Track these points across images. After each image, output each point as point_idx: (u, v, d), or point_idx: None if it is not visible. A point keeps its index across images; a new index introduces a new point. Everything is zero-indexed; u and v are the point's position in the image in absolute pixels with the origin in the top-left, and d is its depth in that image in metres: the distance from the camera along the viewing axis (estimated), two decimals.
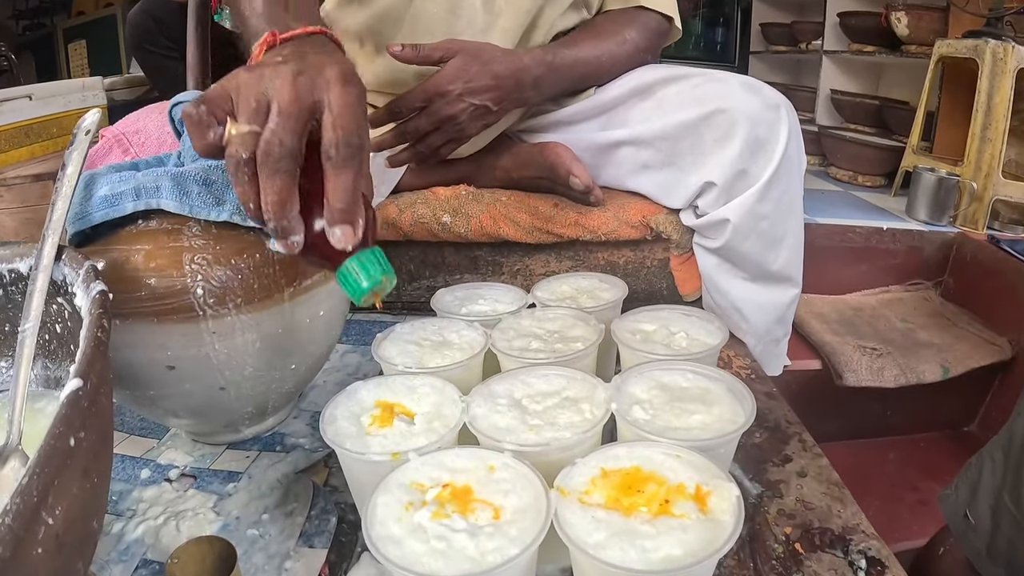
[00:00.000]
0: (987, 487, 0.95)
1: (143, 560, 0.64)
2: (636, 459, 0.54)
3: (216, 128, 0.55)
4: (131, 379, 0.69)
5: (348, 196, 0.53)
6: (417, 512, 0.49)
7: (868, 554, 0.64)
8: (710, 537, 0.46)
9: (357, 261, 0.56)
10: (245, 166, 0.53)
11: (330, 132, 0.53)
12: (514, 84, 1.00)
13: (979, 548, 0.95)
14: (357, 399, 0.66)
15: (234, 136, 0.54)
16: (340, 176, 0.53)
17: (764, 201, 0.98)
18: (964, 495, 0.99)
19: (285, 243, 0.54)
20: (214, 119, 0.55)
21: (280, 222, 0.53)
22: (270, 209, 0.53)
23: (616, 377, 0.66)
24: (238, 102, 0.54)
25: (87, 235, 0.69)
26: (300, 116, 0.53)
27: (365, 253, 0.56)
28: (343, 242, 0.54)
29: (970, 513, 0.97)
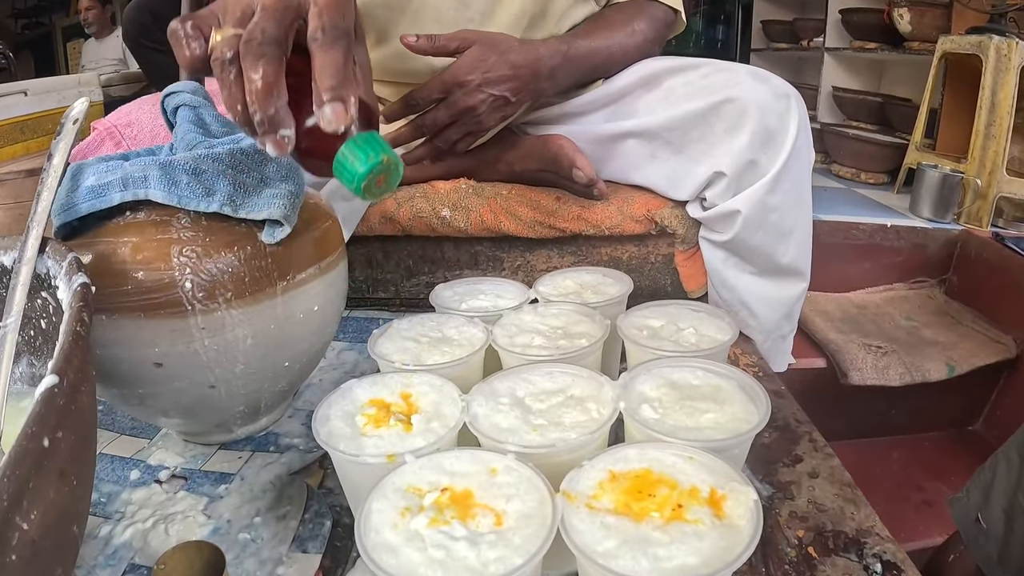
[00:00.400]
0: (1000, 489, 0.94)
1: (131, 565, 0.62)
2: (646, 461, 0.51)
3: (200, 42, 0.54)
4: (118, 377, 0.67)
5: (337, 73, 0.51)
6: (414, 518, 0.46)
7: (883, 558, 0.62)
8: (726, 544, 0.43)
9: (352, 144, 0.52)
10: (230, 64, 0.52)
11: (315, 20, 0.52)
12: (531, 74, 0.98)
13: (990, 553, 0.93)
14: (352, 398, 0.63)
15: (219, 40, 0.53)
16: (327, 54, 0.51)
17: (774, 192, 0.96)
18: (976, 498, 0.97)
19: (275, 140, 0.51)
20: (200, 33, 0.54)
21: (267, 111, 0.50)
22: (255, 99, 0.50)
23: (624, 375, 0.63)
24: (224, 15, 0.54)
25: (74, 227, 0.66)
26: (283, 10, 0.52)
27: (360, 136, 0.53)
28: (335, 122, 0.51)
29: (982, 517, 0.95)
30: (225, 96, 0.52)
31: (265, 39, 0.50)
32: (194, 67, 0.54)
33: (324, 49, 0.51)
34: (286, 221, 0.65)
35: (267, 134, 0.51)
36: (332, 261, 0.74)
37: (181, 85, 0.78)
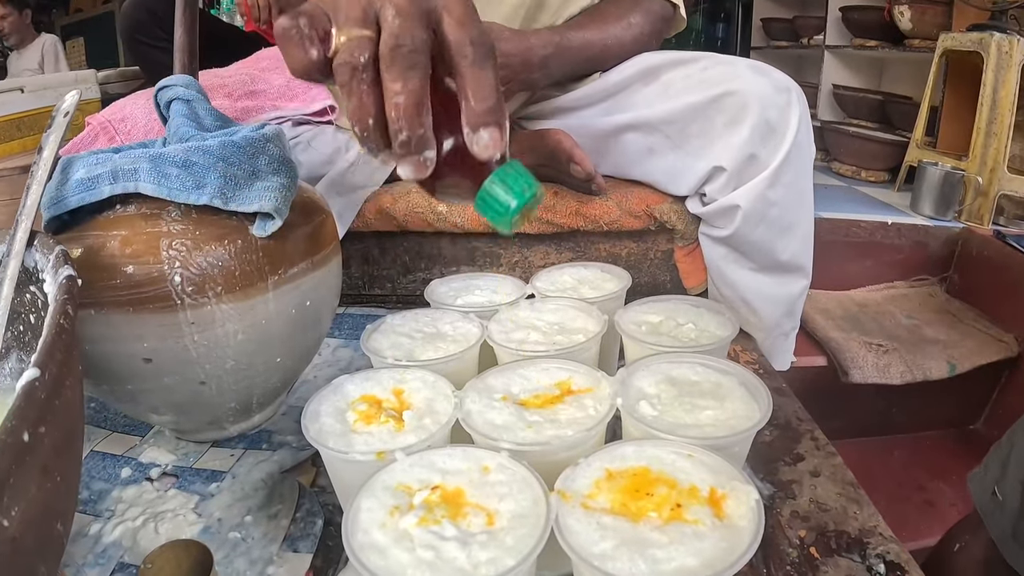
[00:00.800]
0: (1018, 461, 0.93)
1: (120, 563, 0.61)
2: (644, 459, 0.50)
3: (318, 43, 0.48)
4: (107, 372, 0.66)
5: (493, 94, 0.47)
6: (403, 517, 0.45)
7: (887, 558, 0.61)
8: (727, 546, 0.42)
9: (502, 174, 0.48)
10: (363, 71, 0.46)
11: (459, 31, 0.47)
12: (522, 63, 0.98)
13: (1005, 528, 0.92)
14: (343, 394, 0.62)
15: (345, 42, 0.47)
16: (481, 73, 0.47)
17: (775, 187, 0.95)
18: (994, 471, 0.96)
19: (416, 162, 0.47)
20: (316, 33, 0.48)
21: (415, 131, 0.45)
22: (402, 116, 0.45)
23: (621, 370, 0.62)
24: (339, 14, 0.48)
25: (64, 221, 0.66)
26: (422, 16, 0.47)
27: (507, 166, 0.49)
28: (490, 149, 0.47)
29: (998, 490, 0.94)
30: (353, 107, 0.47)
31: (415, 46, 0.46)
32: (309, 71, 0.48)
33: (475, 68, 0.47)
34: (277, 214, 0.64)
35: (409, 155, 0.46)
36: (325, 256, 0.73)
37: (174, 79, 0.77)
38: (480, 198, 0.49)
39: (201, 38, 1.01)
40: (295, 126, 1.10)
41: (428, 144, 0.46)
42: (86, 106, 2.35)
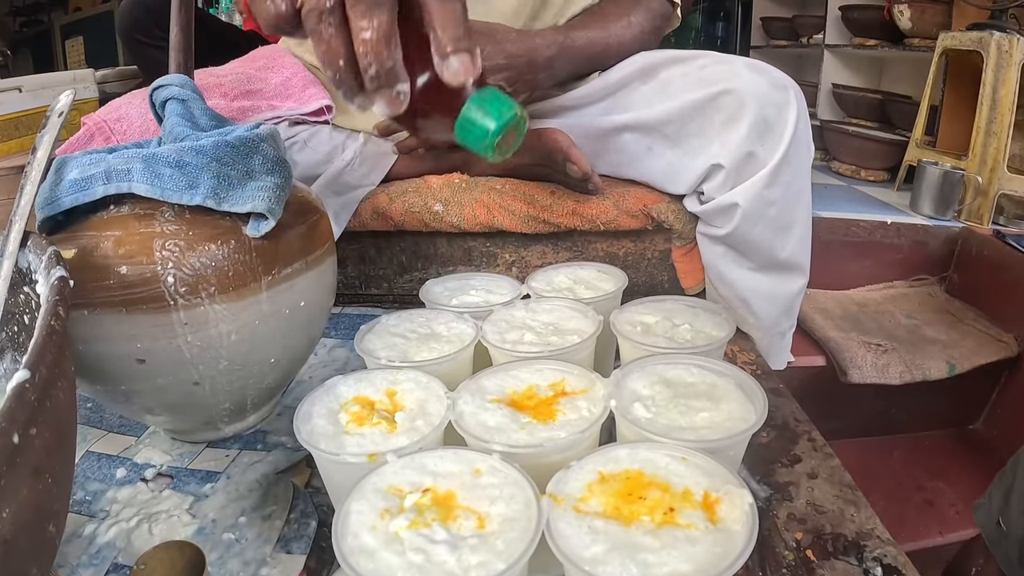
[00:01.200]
0: (1020, 492, 0.93)
1: (114, 564, 0.61)
2: (638, 462, 0.49)
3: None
4: (101, 373, 0.66)
5: (460, 23, 0.47)
6: (393, 520, 0.45)
7: (884, 561, 0.60)
8: (721, 551, 0.41)
9: (478, 99, 0.48)
10: (330, 15, 0.46)
11: None
12: (527, 64, 0.97)
13: (1012, 555, 0.93)
14: (335, 395, 0.62)
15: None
16: (447, 5, 0.47)
17: (774, 185, 0.95)
18: (997, 502, 0.97)
19: (390, 96, 0.48)
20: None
21: (384, 64, 0.46)
22: (371, 51, 0.46)
23: (615, 372, 0.61)
24: None
25: (59, 221, 0.65)
26: None
27: (484, 91, 0.49)
28: (462, 74, 0.47)
29: (1003, 520, 0.95)
30: (323, 51, 0.47)
31: None
32: (279, 23, 0.49)
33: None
34: (270, 214, 0.64)
35: (381, 89, 0.47)
36: (320, 256, 0.73)
37: (170, 78, 0.77)
38: (459, 126, 0.49)
39: (199, 37, 1.00)
40: (291, 126, 1.10)
41: (399, 77, 0.47)
42: (84, 105, 2.35)
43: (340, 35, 0.47)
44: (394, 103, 0.48)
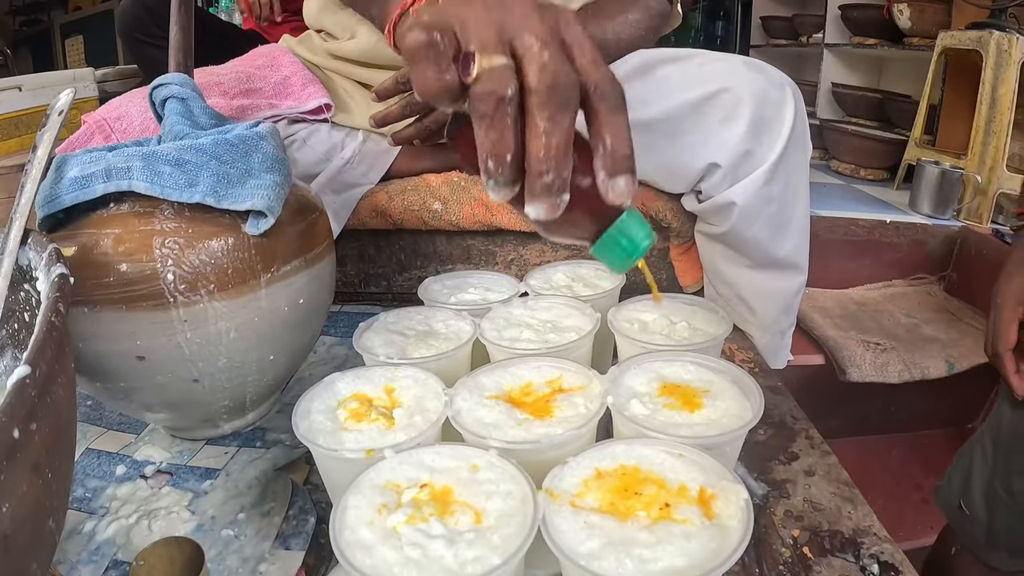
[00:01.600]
0: (979, 476, 0.95)
1: (113, 561, 0.61)
2: (634, 458, 0.50)
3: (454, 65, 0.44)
4: (100, 371, 0.66)
5: (628, 141, 0.46)
6: (391, 516, 0.45)
7: (881, 558, 0.61)
8: (716, 546, 0.41)
9: (628, 221, 0.48)
10: (510, 104, 0.43)
11: (596, 72, 0.45)
12: None
13: (977, 537, 0.95)
14: (334, 392, 0.62)
15: (488, 70, 0.43)
16: (618, 119, 0.46)
17: (771, 183, 0.95)
18: (957, 485, 1.00)
19: (552, 203, 0.45)
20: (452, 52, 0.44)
21: (561, 174, 0.43)
22: (552, 157, 0.43)
23: (612, 368, 0.61)
24: (471, 33, 0.44)
25: (59, 219, 0.66)
26: (564, 50, 0.45)
27: (631, 213, 0.49)
28: (624, 195, 0.46)
29: (964, 504, 0.96)
30: (493, 140, 0.43)
31: (570, 83, 0.44)
32: (442, 94, 0.44)
33: (614, 112, 0.46)
34: (269, 212, 0.64)
35: (548, 196, 0.44)
36: (319, 253, 0.73)
37: (170, 77, 0.77)
38: (603, 242, 0.49)
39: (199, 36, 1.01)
40: (291, 124, 1.10)
41: (567, 187, 0.45)
42: (83, 104, 2.35)
43: (515, 128, 0.44)
44: (553, 210, 0.45)
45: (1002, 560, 0.96)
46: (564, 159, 0.43)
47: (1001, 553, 0.96)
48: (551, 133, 0.43)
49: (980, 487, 0.97)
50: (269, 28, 2.23)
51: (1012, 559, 0.96)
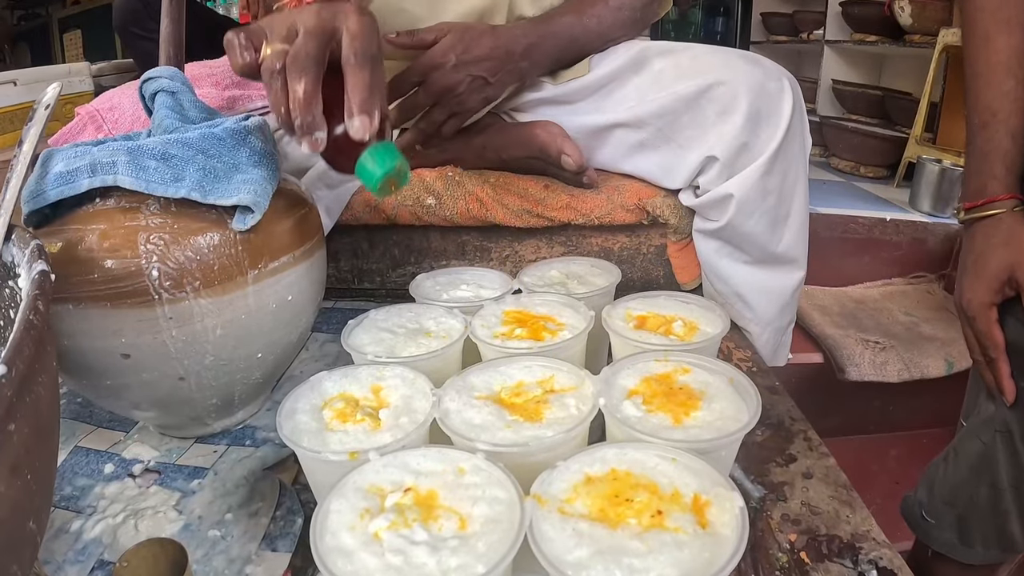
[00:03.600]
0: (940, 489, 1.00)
1: (99, 561, 0.61)
2: (626, 462, 0.48)
3: (252, 52, 0.65)
4: (86, 368, 0.66)
5: (365, 90, 0.62)
6: (373, 520, 0.43)
7: (879, 564, 0.60)
8: (709, 556, 0.40)
9: (372, 151, 0.63)
10: (278, 75, 0.62)
11: (348, 45, 0.63)
12: (506, 53, 0.97)
13: (950, 539, 0.98)
14: (320, 391, 0.60)
15: (268, 53, 0.63)
16: (358, 74, 0.62)
17: (769, 175, 0.94)
18: (922, 495, 1.04)
19: (310, 140, 0.62)
20: (251, 44, 0.65)
21: (305, 118, 0.61)
22: (297, 107, 0.61)
23: (605, 369, 0.60)
24: (271, 31, 0.64)
25: (45, 215, 0.65)
26: (322, 34, 0.63)
27: (379, 145, 0.63)
28: (361, 131, 0.61)
29: (926, 514, 1.01)
30: (272, 100, 0.63)
31: (306, 58, 0.61)
32: (243, 72, 0.66)
33: (356, 70, 0.62)
34: (256, 207, 0.64)
35: (304, 135, 0.62)
36: (308, 249, 0.72)
37: (160, 71, 0.76)
38: (357, 167, 0.64)
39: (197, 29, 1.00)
40: None
41: (317, 127, 0.62)
42: (79, 99, 2.34)
43: (283, 91, 0.63)
44: (313, 145, 0.63)
45: (977, 555, 0.98)
46: (306, 107, 0.61)
47: (976, 549, 0.97)
48: (294, 91, 0.61)
49: (943, 495, 0.99)
50: None
51: (987, 552, 0.97)
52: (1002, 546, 0.96)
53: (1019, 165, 0.82)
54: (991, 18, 0.81)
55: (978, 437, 0.94)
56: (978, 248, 0.84)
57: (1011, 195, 0.82)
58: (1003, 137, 0.81)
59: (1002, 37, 0.81)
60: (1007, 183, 0.82)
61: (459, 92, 0.96)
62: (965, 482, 0.96)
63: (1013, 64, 0.80)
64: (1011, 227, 0.81)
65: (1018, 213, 0.81)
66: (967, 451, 0.96)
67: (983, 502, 0.94)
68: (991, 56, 0.81)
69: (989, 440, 0.92)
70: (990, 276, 0.82)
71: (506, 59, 0.98)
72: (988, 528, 0.95)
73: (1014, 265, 0.80)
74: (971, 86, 0.85)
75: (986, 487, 0.93)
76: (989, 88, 0.82)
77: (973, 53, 0.84)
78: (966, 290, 0.85)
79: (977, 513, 0.95)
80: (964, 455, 0.96)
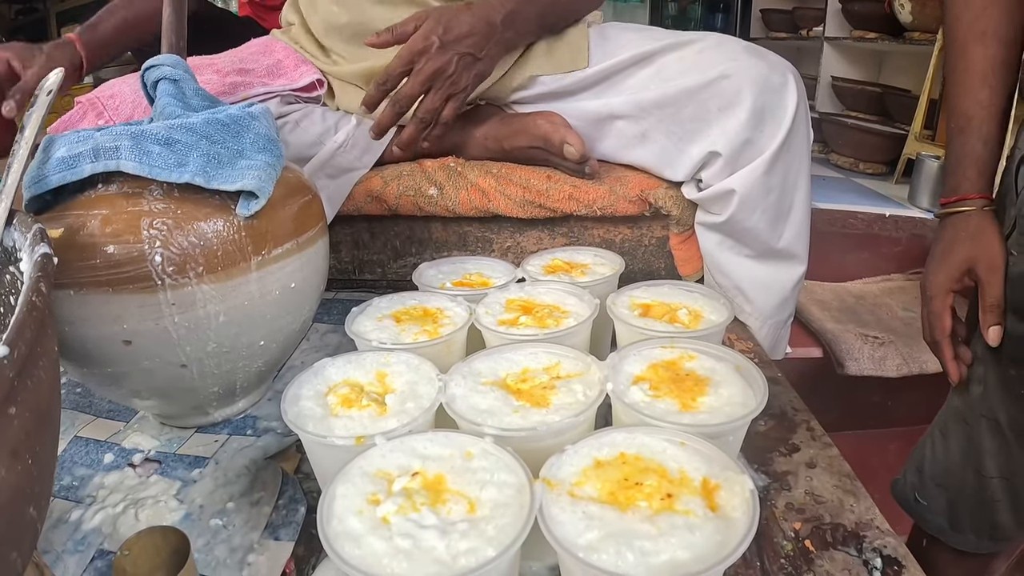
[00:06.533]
0: (931, 471, 1.01)
1: (99, 551, 0.61)
2: (635, 447, 0.48)
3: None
4: (86, 355, 0.65)
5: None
6: (381, 505, 0.43)
7: (884, 552, 0.60)
8: (721, 539, 0.40)
9: None
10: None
11: None
12: (486, 25, 0.97)
13: (941, 524, 1.00)
14: (324, 377, 0.61)
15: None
16: None
17: (772, 172, 0.95)
18: (912, 478, 1.05)
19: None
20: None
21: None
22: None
23: (612, 355, 0.60)
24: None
25: (47, 201, 0.65)
26: None
27: None
28: None
29: (919, 496, 1.03)
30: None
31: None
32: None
33: None
34: (260, 193, 0.64)
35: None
36: (311, 237, 0.72)
37: (162, 59, 0.77)
38: None
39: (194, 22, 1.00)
40: (284, 104, 1.10)
41: None
42: (78, 91, 2.33)
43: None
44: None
45: (969, 543, 1.00)
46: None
47: (968, 536, 0.99)
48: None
49: (935, 478, 1.01)
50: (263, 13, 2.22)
51: (979, 541, 0.99)
52: (992, 535, 0.98)
53: (991, 168, 0.87)
54: (968, 30, 0.85)
55: (964, 420, 0.96)
56: (947, 239, 0.89)
57: (982, 195, 0.87)
58: (976, 142, 0.86)
59: (978, 48, 0.85)
60: (979, 184, 0.87)
61: (449, 72, 0.96)
62: (956, 465, 0.98)
63: (988, 74, 0.85)
64: (978, 224, 0.85)
65: (987, 212, 0.86)
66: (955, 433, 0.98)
67: (969, 488, 0.96)
68: (968, 66, 0.86)
69: (974, 423, 0.94)
70: (953, 265, 0.87)
71: (489, 32, 0.98)
72: (977, 515, 0.97)
73: (976, 258, 0.85)
74: (949, 93, 0.90)
75: (972, 472, 0.95)
76: (966, 96, 0.86)
77: (951, 62, 0.88)
78: (930, 274, 0.90)
79: (964, 498, 0.98)
80: (954, 437, 0.98)
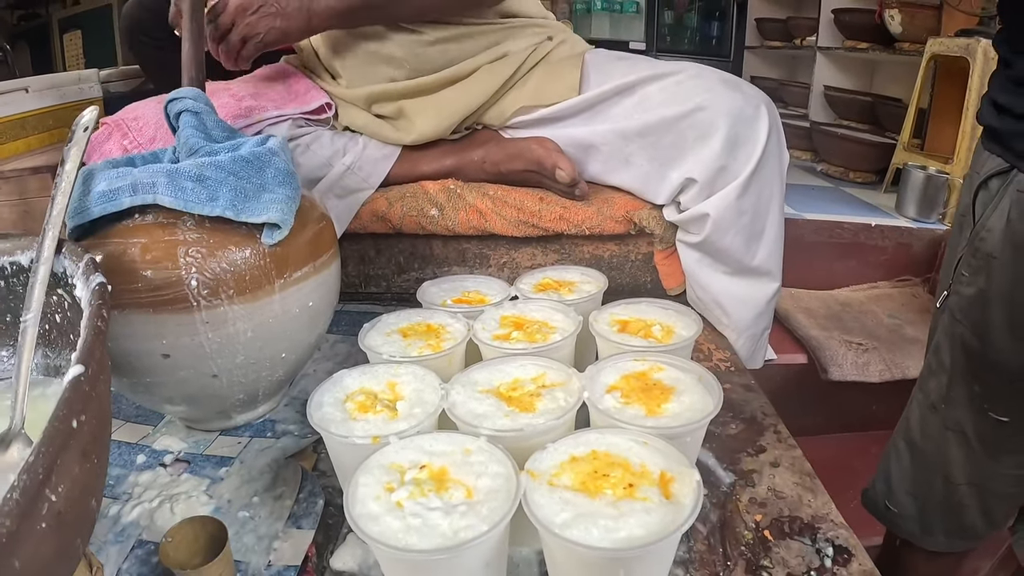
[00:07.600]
0: (898, 476, 1.04)
1: (139, 541, 0.66)
2: (605, 445, 0.57)
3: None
4: (128, 367, 0.72)
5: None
6: (395, 492, 0.52)
7: (835, 542, 0.66)
8: (672, 519, 0.48)
9: None
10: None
11: None
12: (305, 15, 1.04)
13: (913, 529, 1.02)
14: (343, 386, 0.69)
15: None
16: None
17: (744, 197, 1.00)
18: (881, 486, 1.07)
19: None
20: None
21: None
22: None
23: (590, 367, 0.68)
24: None
25: (85, 229, 0.71)
26: None
27: None
28: None
29: (889, 503, 1.05)
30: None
31: None
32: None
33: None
34: (283, 224, 0.70)
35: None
36: (325, 260, 0.79)
37: (184, 91, 0.82)
38: None
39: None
40: (295, 127, 1.16)
41: None
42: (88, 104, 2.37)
43: None
44: None
45: (939, 543, 1.03)
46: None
47: (938, 537, 1.02)
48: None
49: (903, 486, 1.04)
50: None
51: (949, 540, 1.02)
52: (962, 535, 1.01)
53: None
54: None
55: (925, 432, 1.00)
56: None
57: None
58: None
59: None
60: None
61: (250, 13, 1.02)
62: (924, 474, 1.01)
63: None
64: None
65: None
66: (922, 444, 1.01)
67: (938, 495, 0.99)
68: None
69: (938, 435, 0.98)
70: None
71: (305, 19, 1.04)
72: (947, 519, 1.00)
73: None
74: None
75: (940, 480, 0.98)
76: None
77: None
78: None
79: (934, 505, 1.01)
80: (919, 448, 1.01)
